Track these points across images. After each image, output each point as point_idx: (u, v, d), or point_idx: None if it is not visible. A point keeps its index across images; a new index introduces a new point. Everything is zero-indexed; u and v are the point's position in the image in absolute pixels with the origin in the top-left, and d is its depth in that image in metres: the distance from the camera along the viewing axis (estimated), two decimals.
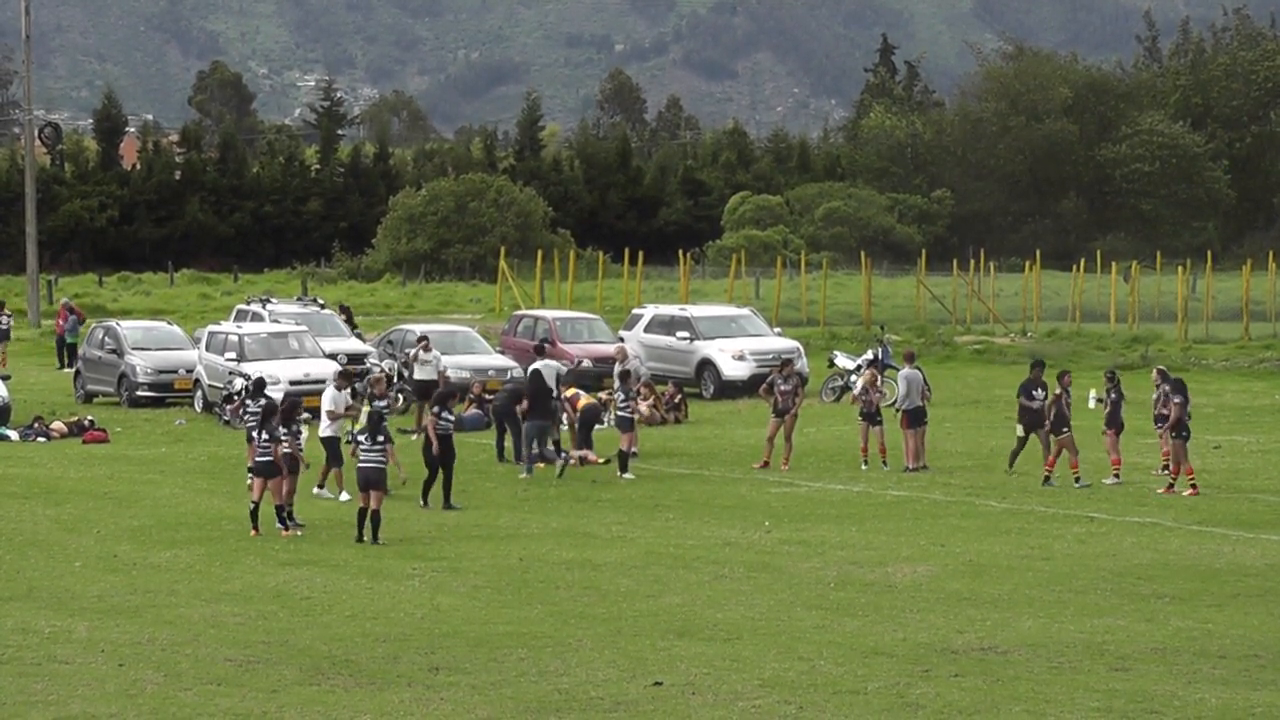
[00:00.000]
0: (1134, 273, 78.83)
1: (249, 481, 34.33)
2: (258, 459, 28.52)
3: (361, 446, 27.93)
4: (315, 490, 31.91)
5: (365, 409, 31.15)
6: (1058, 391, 33.34)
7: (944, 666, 19.45)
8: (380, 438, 27.78)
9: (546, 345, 44.83)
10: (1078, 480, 33.06)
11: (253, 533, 28.21)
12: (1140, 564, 25.66)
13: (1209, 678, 19.01)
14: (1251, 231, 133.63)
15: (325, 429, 32.05)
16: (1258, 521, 29.46)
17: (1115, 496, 32.15)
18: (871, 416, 35.83)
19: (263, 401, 34.24)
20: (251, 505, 28.48)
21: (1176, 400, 31.88)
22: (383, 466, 27.57)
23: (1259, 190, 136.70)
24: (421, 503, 30.81)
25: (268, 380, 43.91)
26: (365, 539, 27.39)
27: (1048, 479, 33.27)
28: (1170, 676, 19.03)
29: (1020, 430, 34.49)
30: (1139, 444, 37.16)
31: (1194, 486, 32.06)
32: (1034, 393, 33.95)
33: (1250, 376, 55.25)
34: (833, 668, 19.40)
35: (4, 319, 62.16)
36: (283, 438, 28.42)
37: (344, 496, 31.18)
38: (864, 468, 35.61)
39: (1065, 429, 33.06)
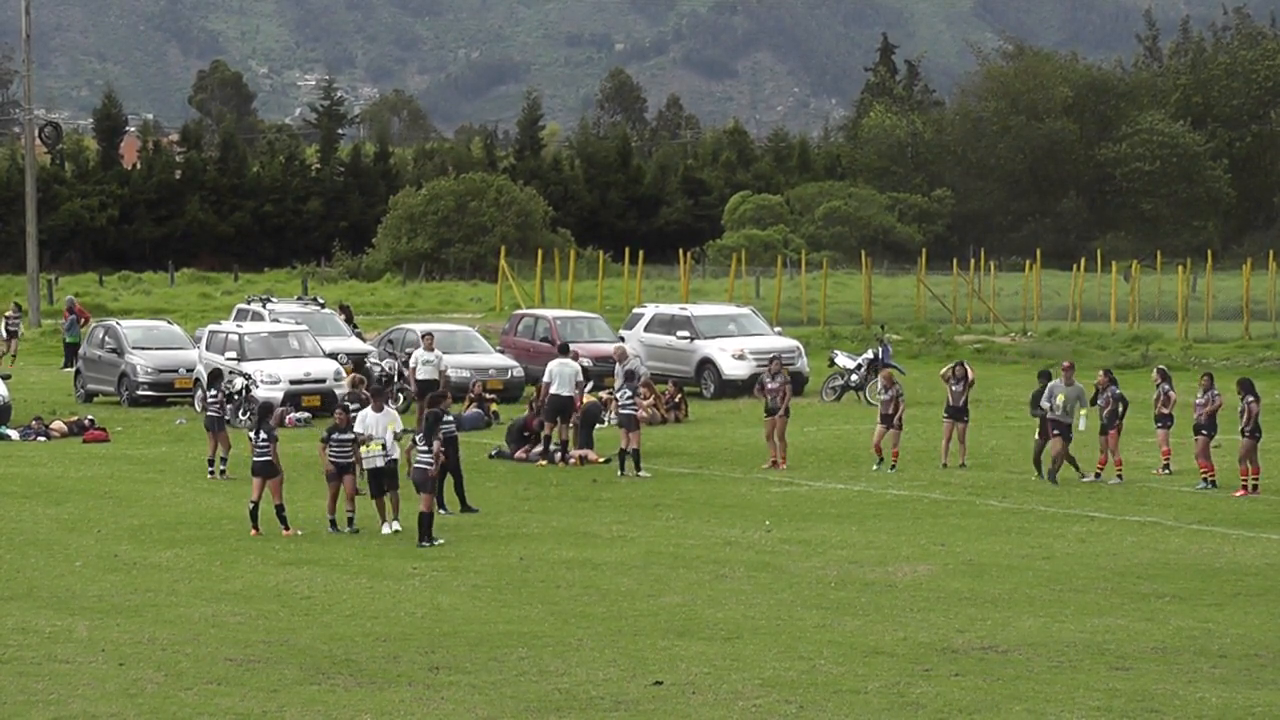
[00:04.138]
0: (1134, 272, 78.86)
1: (209, 473, 34.70)
2: (255, 458, 28.52)
3: (419, 449, 27.69)
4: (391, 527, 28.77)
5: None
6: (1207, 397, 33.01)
7: (944, 666, 19.45)
8: (433, 440, 27.55)
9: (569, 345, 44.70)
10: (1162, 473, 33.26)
11: (253, 532, 28.20)
12: (1141, 563, 25.66)
13: (1209, 677, 19.01)
14: (1252, 231, 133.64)
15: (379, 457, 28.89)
16: (1258, 521, 29.46)
17: (1115, 496, 32.15)
18: (889, 418, 35.69)
19: (229, 392, 34.86)
20: (251, 505, 28.46)
21: (1251, 400, 31.74)
22: (428, 469, 27.43)
23: (1259, 189, 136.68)
24: (439, 509, 30.44)
25: (258, 377, 44.28)
26: (438, 541, 27.28)
27: (1246, 485, 32.53)
28: (1170, 676, 19.03)
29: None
30: (1138, 443, 37.17)
31: (1245, 488, 31.96)
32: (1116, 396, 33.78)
33: (1251, 376, 55.15)
34: (833, 667, 19.40)
35: (13, 319, 62.81)
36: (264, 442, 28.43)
37: (394, 526, 28.67)
38: (890, 469, 35.41)
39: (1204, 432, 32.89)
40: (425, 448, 27.58)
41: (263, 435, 28.41)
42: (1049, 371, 35.43)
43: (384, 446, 28.54)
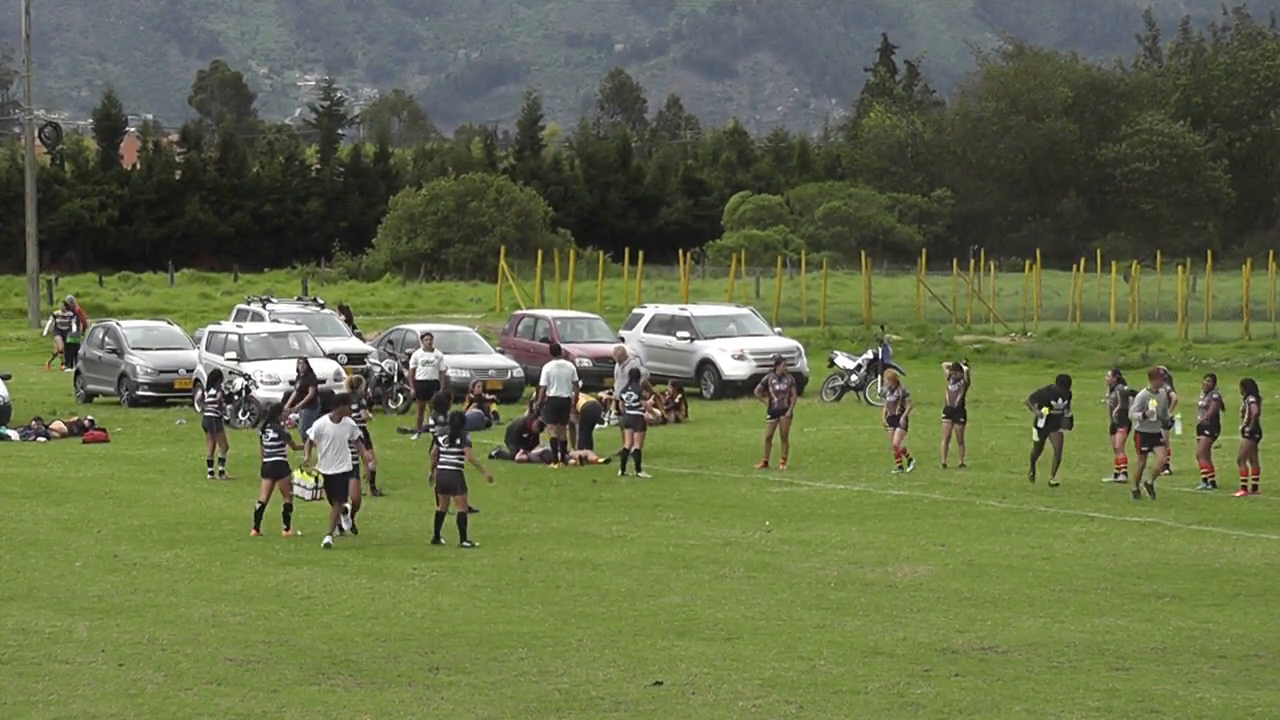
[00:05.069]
0: (1134, 272, 78.87)
1: (209, 474, 34.63)
2: (265, 459, 28.36)
3: (441, 449, 27.28)
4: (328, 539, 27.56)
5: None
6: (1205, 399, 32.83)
7: (944, 666, 19.45)
8: (459, 440, 27.04)
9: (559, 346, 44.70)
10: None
11: (253, 533, 28.14)
12: (1140, 563, 25.67)
13: (1209, 677, 19.02)
14: (1251, 231, 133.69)
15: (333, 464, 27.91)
16: (1258, 521, 29.46)
17: (1115, 496, 32.14)
18: (896, 419, 35.60)
19: (229, 392, 34.84)
20: (258, 505, 28.28)
21: (1252, 400, 31.69)
22: (460, 469, 27.03)
23: (1259, 190, 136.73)
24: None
25: (258, 377, 44.35)
26: (443, 541, 26.98)
27: (1246, 485, 32.10)
28: (1170, 676, 19.03)
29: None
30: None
31: (1245, 488, 31.85)
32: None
33: (1251, 376, 55.15)
34: (833, 667, 19.40)
35: (63, 319, 61.27)
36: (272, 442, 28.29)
37: (327, 540, 27.44)
38: (895, 471, 35.24)
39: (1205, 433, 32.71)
40: (447, 448, 27.17)
41: (273, 435, 28.26)
42: (1068, 376, 34.83)
43: (316, 480, 27.54)
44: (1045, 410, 33.18)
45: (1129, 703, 17.94)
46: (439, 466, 27.35)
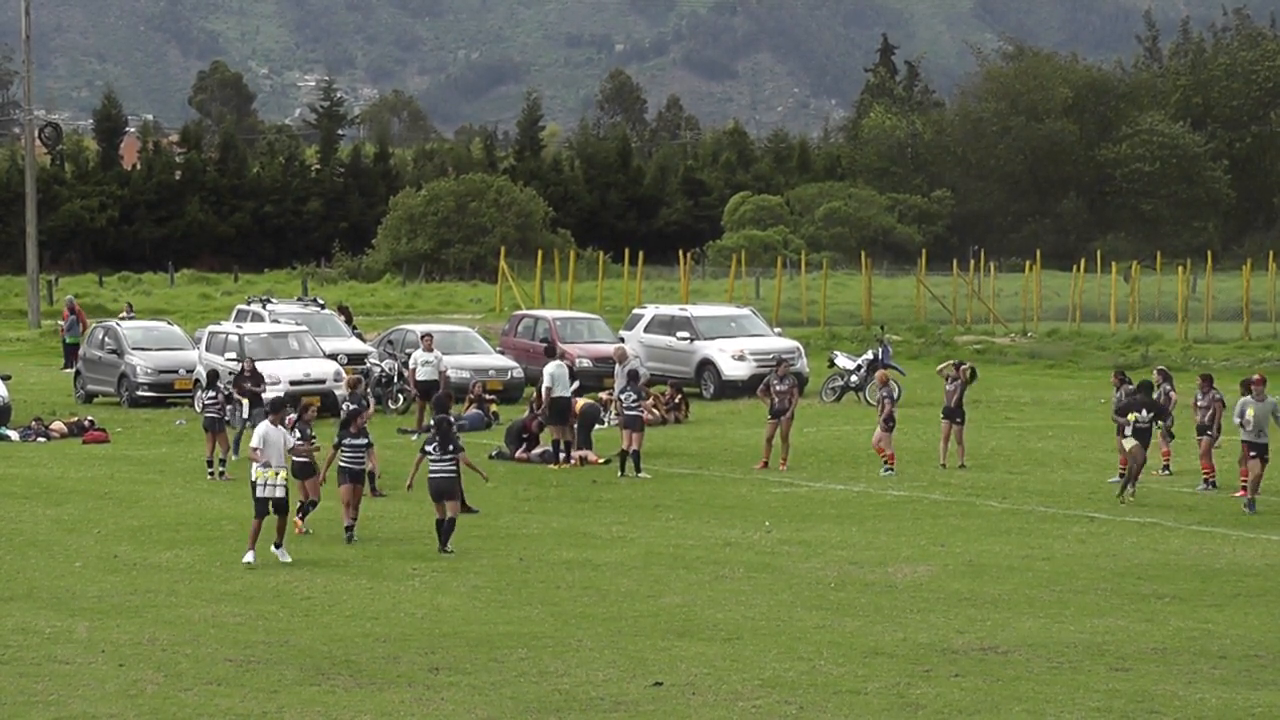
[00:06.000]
0: (1134, 273, 78.86)
1: (209, 475, 34.57)
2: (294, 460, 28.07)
3: (431, 457, 26.82)
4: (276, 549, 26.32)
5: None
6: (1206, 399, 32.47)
7: (944, 666, 19.45)
8: (450, 446, 26.72)
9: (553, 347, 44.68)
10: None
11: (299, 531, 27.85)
12: (1140, 564, 25.67)
13: (1209, 678, 19.02)
14: (1251, 231, 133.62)
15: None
16: (1258, 521, 29.45)
17: (1116, 497, 32.11)
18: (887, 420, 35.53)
19: (228, 393, 35.01)
20: (299, 503, 27.98)
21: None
22: (454, 476, 26.79)
23: (1259, 190, 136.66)
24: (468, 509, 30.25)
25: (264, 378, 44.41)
26: (450, 550, 26.64)
27: (1246, 486, 31.25)
28: (1170, 676, 19.03)
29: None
30: None
31: (1245, 489, 31.70)
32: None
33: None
34: (833, 668, 19.41)
35: (126, 316, 59.83)
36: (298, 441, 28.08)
37: (285, 558, 26.19)
38: (885, 473, 35.14)
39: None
40: (445, 455, 26.79)
41: (296, 436, 28.09)
42: (1149, 383, 33.66)
43: (283, 479, 26.36)
44: (1133, 417, 31.58)
45: (1129, 703, 17.94)
46: (432, 475, 26.94)
